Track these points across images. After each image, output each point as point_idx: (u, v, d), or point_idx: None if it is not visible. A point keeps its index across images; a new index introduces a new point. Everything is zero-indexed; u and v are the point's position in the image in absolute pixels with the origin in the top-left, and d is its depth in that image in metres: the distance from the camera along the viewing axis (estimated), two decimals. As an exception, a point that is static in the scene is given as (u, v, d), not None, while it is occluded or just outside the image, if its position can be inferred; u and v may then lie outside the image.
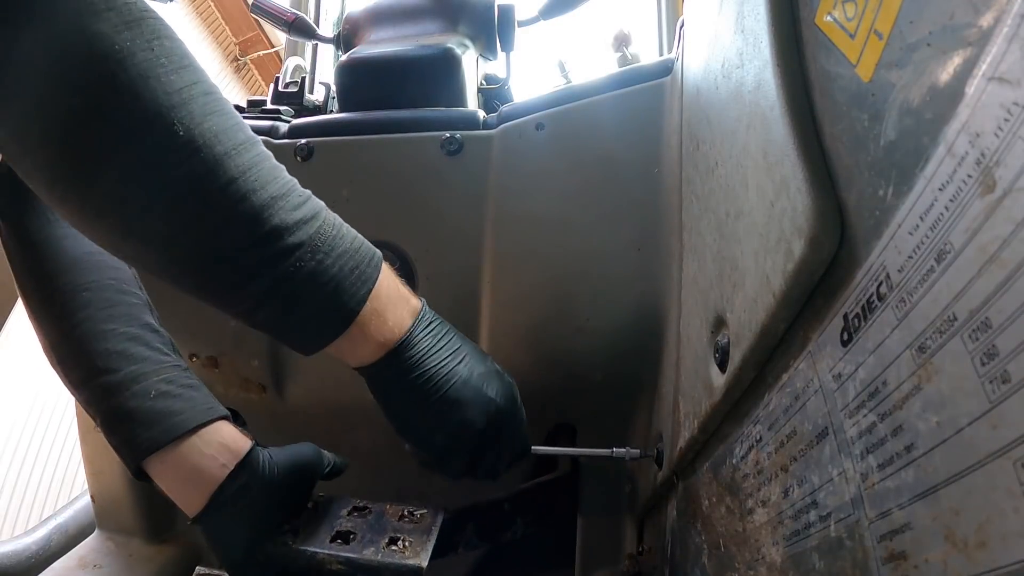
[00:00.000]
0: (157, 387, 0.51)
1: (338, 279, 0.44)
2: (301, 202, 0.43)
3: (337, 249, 0.44)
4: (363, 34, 0.90)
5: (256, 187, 0.40)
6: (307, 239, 0.42)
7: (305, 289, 0.43)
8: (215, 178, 0.39)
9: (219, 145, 0.39)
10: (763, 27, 0.30)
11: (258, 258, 0.41)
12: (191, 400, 0.52)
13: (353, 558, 0.50)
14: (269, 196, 0.41)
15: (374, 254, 0.47)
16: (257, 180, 0.40)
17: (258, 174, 0.40)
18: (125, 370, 0.51)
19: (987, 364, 0.16)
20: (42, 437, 2.18)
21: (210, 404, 0.53)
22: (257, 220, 0.40)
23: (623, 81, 0.63)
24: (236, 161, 0.39)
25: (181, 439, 0.50)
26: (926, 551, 0.18)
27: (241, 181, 0.39)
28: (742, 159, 0.34)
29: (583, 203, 0.63)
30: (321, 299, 0.44)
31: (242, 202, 0.39)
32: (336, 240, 0.44)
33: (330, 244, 0.43)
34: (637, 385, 0.63)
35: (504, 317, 0.65)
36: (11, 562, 0.88)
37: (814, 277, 0.26)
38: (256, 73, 4.70)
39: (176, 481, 0.50)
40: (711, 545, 0.39)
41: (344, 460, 0.58)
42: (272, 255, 0.41)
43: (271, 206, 0.40)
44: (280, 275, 0.42)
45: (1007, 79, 0.16)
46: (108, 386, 0.51)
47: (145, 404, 0.50)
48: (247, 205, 0.40)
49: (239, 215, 0.40)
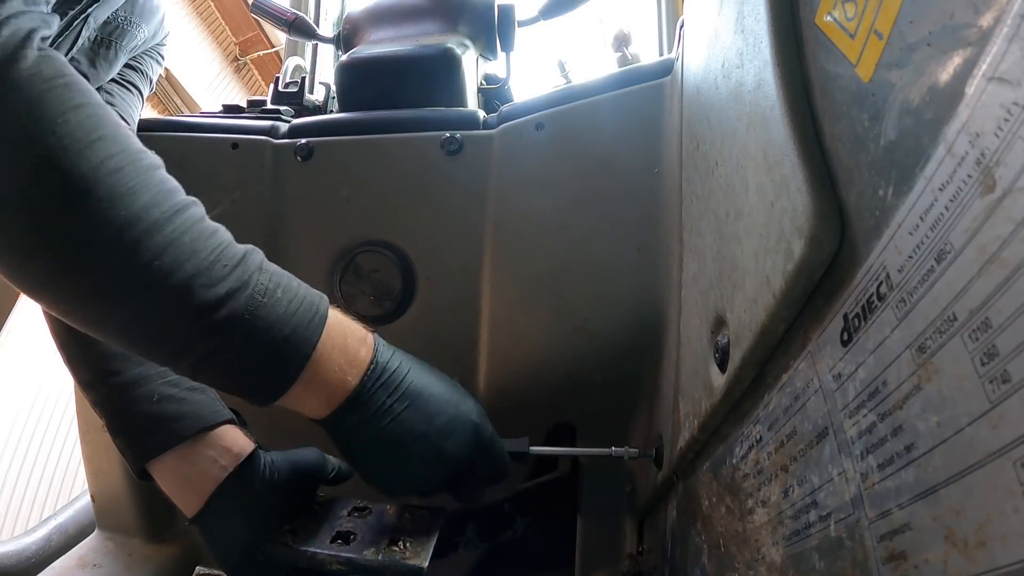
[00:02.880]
0: (161, 390, 0.51)
1: (273, 346, 0.42)
2: (226, 273, 0.41)
3: (271, 316, 0.42)
4: (363, 34, 0.90)
5: (173, 268, 0.38)
6: (233, 313, 0.40)
7: (237, 361, 0.42)
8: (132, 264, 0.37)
9: (130, 231, 0.37)
10: (763, 27, 0.30)
11: (184, 339, 0.40)
12: (195, 404, 0.52)
13: (353, 558, 0.50)
14: (187, 275, 0.39)
15: (315, 311, 0.45)
16: (175, 260, 0.38)
17: (176, 252, 0.39)
18: (129, 372, 0.51)
19: (987, 364, 0.16)
20: (42, 437, 2.18)
21: (215, 408, 0.53)
22: (179, 300, 0.39)
23: (623, 81, 0.63)
24: (150, 244, 0.38)
25: (182, 444, 0.50)
26: (926, 551, 0.18)
27: (157, 265, 0.38)
28: (742, 159, 0.34)
29: (583, 203, 0.63)
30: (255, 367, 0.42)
31: (161, 284, 0.38)
32: (270, 307, 0.42)
33: (263, 313, 0.41)
34: (637, 385, 0.63)
35: (504, 317, 0.65)
36: (11, 562, 0.88)
37: (814, 277, 0.26)
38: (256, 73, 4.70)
39: (176, 483, 0.50)
40: (711, 545, 0.39)
41: (349, 468, 0.58)
42: (197, 335, 0.40)
43: (191, 284, 0.39)
44: (208, 351, 0.41)
45: (1007, 79, 0.16)
46: (113, 388, 0.51)
47: (148, 408, 0.50)
48: (167, 287, 0.38)
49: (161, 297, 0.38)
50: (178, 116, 0.80)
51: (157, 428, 0.50)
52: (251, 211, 0.67)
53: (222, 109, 0.82)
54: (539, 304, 0.64)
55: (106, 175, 0.37)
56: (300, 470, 0.53)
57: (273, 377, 0.43)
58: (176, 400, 0.51)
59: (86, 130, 0.37)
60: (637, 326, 0.61)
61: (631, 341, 0.62)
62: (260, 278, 0.42)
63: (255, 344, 0.41)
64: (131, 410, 0.50)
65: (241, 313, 0.41)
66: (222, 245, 0.42)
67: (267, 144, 0.69)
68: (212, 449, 0.51)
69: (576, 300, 0.63)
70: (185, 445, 0.50)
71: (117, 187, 0.37)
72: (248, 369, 0.42)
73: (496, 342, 0.65)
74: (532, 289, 0.64)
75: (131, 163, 0.39)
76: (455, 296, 0.66)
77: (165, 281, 0.38)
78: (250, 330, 0.41)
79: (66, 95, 0.37)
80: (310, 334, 0.44)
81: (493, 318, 0.65)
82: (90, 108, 0.38)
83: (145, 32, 0.70)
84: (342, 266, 0.67)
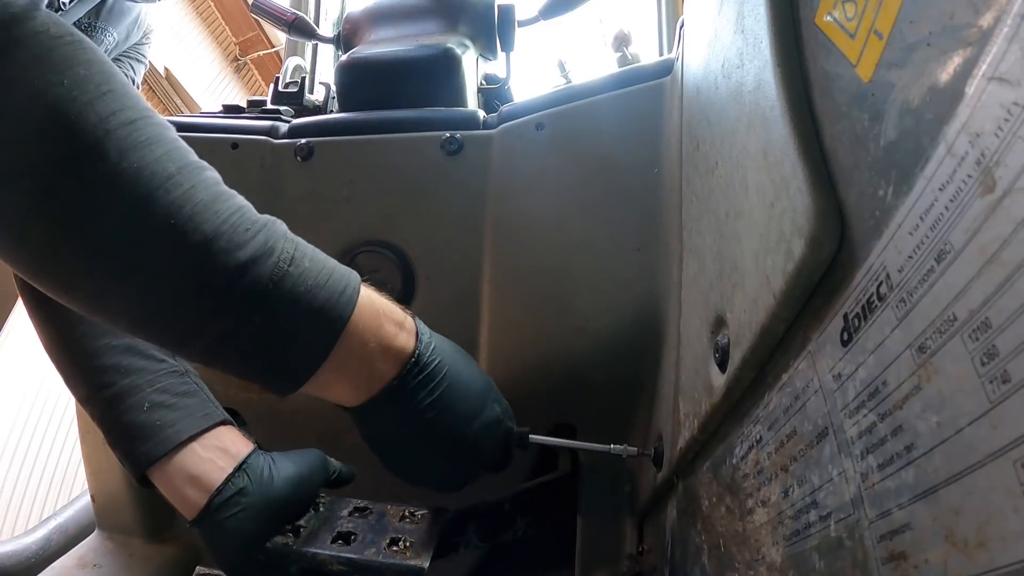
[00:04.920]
0: (151, 398, 0.51)
1: (300, 321, 0.38)
2: (248, 238, 0.37)
3: (298, 287, 0.38)
4: (363, 34, 0.90)
5: (188, 228, 0.35)
6: (257, 282, 0.37)
7: (259, 338, 0.38)
8: (140, 225, 0.34)
9: (140, 186, 0.34)
10: (763, 27, 0.30)
11: (199, 312, 0.37)
12: (185, 409, 0.52)
13: (354, 559, 0.50)
14: (204, 236, 0.35)
15: (346, 284, 0.41)
16: (191, 220, 0.35)
17: (192, 211, 0.35)
18: (119, 384, 0.51)
19: (987, 364, 0.16)
20: (42, 437, 2.18)
21: (206, 411, 0.53)
22: (193, 267, 0.35)
23: (623, 81, 0.63)
24: (164, 200, 0.34)
25: (177, 449, 0.50)
26: (926, 551, 0.18)
27: (170, 224, 0.34)
28: (742, 159, 0.34)
29: (583, 203, 0.63)
30: (279, 345, 0.39)
31: (174, 248, 0.35)
32: (296, 277, 0.38)
33: (289, 283, 0.38)
34: (637, 385, 0.63)
35: (504, 317, 0.65)
36: (11, 562, 0.88)
37: (814, 277, 0.26)
38: (256, 73, 4.70)
39: (175, 488, 0.50)
40: (711, 545, 0.39)
41: (352, 471, 0.58)
42: (215, 307, 0.36)
43: (208, 248, 0.35)
44: (226, 328, 0.37)
45: (1007, 79, 0.16)
46: (105, 402, 0.51)
47: (139, 418, 0.50)
48: (180, 251, 0.35)
49: (173, 263, 0.35)
50: (178, 116, 0.80)
51: (149, 437, 0.50)
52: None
53: (222, 109, 0.82)
54: (539, 304, 0.64)
55: (117, 126, 0.34)
56: (301, 471, 0.53)
57: (300, 358, 0.40)
58: (166, 407, 0.51)
59: (96, 83, 0.34)
60: (637, 326, 0.61)
61: (631, 341, 0.62)
62: (285, 245, 0.39)
63: (280, 318, 0.38)
64: (124, 421, 0.50)
65: (265, 282, 0.37)
66: (244, 207, 0.38)
67: (267, 144, 0.69)
68: (208, 452, 0.51)
69: (576, 300, 0.63)
70: (180, 450, 0.50)
71: (129, 139, 0.34)
72: (271, 348, 0.39)
73: (496, 342, 0.65)
74: (532, 289, 0.64)
75: (143, 117, 0.36)
76: (455, 296, 0.66)
77: (180, 242, 0.35)
78: (275, 302, 0.37)
79: (75, 50, 0.35)
80: (341, 309, 0.40)
81: (493, 318, 0.65)
82: (99, 64, 0.36)
83: (115, 35, 0.69)
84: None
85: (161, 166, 0.35)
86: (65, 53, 0.34)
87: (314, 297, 0.39)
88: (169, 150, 0.36)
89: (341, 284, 0.41)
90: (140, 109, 0.36)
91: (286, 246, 0.39)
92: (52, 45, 0.34)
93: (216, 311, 0.37)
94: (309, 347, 0.40)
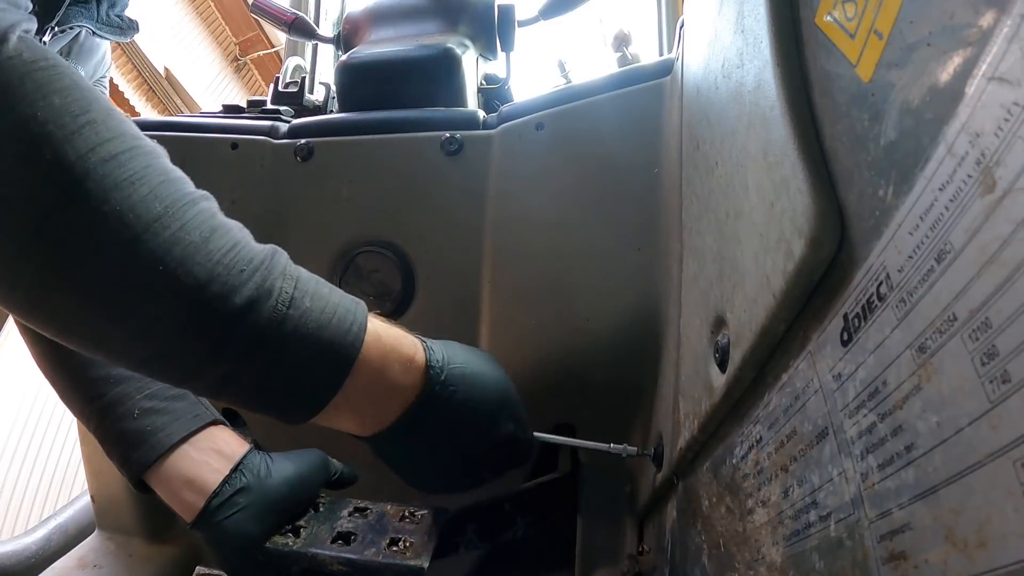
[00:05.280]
0: (140, 405, 0.51)
1: (302, 365, 0.37)
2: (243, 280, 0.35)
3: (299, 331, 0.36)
4: (363, 34, 0.90)
5: (180, 274, 0.33)
6: (254, 329, 0.35)
7: (262, 382, 0.37)
8: (128, 271, 0.32)
9: (125, 230, 0.32)
10: (763, 27, 0.30)
11: (197, 358, 0.35)
12: (174, 412, 0.52)
13: (354, 559, 0.50)
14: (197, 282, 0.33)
15: (352, 322, 0.39)
16: (181, 265, 0.33)
17: (182, 255, 0.33)
18: (110, 394, 0.52)
19: (987, 364, 0.16)
20: (42, 437, 2.17)
21: (196, 412, 0.53)
22: (188, 313, 0.34)
23: (623, 81, 0.63)
24: (151, 244, 0.32)
25: (169, 452, 0.50)
26: (926, 551, 0.18)
27: (160, 270, 0.33)
28: (742, 159, 0.34)
29: (583, 203, 0.62)
30: (283, 388, 0.37)
31: (166, 295, 0.33)
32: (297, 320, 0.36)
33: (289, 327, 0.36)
34: (637, 385, 0.63)
35: (504, 317, 0.65)
36: (11, 562, 0.88)
37: (814, 277, 0.26)
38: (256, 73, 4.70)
39: (173, 491, 0.50)
40: (711, 545, 0.39)
41: (353, 472, 0.58)
42: (212, 354, 0.35)
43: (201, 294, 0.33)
44: (227, 372, 0.36)
45: (1007, 79, 0.16)
46: (98, 413, 0.52)
47: (131, 425, 0.51)
48: (173, 298, 0.33)
49: (166, 310, 0.33)
50: (178, 116, 0.80)
51: (141, 443, 0.50)
52: (251, 212, 0.67)
53: (222, 109, 0.82)
54: (539, 304, 0.64)
55: (97, 163, 0.32)
56: (300, 471, 0.53)
57: (305, 399, 0.39)
58: (155, 412, 0.51)
59: (73, 114, 0.32)
60: (637, 326, 0.61)
61: (631, 341, 0.61)
62: (284, 285, 0.37)
63: (282, 362, 0.36)
64: (116, 429, 0.51)
65: (263, 327, 0.35)
66: (239, 243, 0.36)
67: (267, 144, 0.69)
68: (203, 454, 0.51)
69: (576, 300, 0.63)
70: (172, 453, 0.50)
71: (110, 177, 0.32)
72: (275, 389, 0.38)
73: (496, 342, 0.65)
74: (532, 289, 0.64)
75: (126, 150, 0.33)
76: (455, 296, 0.66)
77: (173, 287, 0.33)
78: (276, 345, 0.36)
79: (49, 76, 0.32)
80: (347, 349, 0.38)
81: (493, 318, 0.65)
82: (77, 91, 0.33)
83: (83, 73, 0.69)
84: (342, 266, 0.67)
85: (147, 206, 0.33)
86: (38, 80, 0.31)
87: (317, 339, 0.37)
88: (155, 187, 0.34)
89: (347, 322, 0.39)
90: (125, 139, 0.34)
91: (284, 285, 0.37)
92: (24, 71, 0.31)
93: (215, 356, 0.35)
94: (315, 387, 0.39)
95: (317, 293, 0.38)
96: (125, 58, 3.76)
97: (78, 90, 0.33)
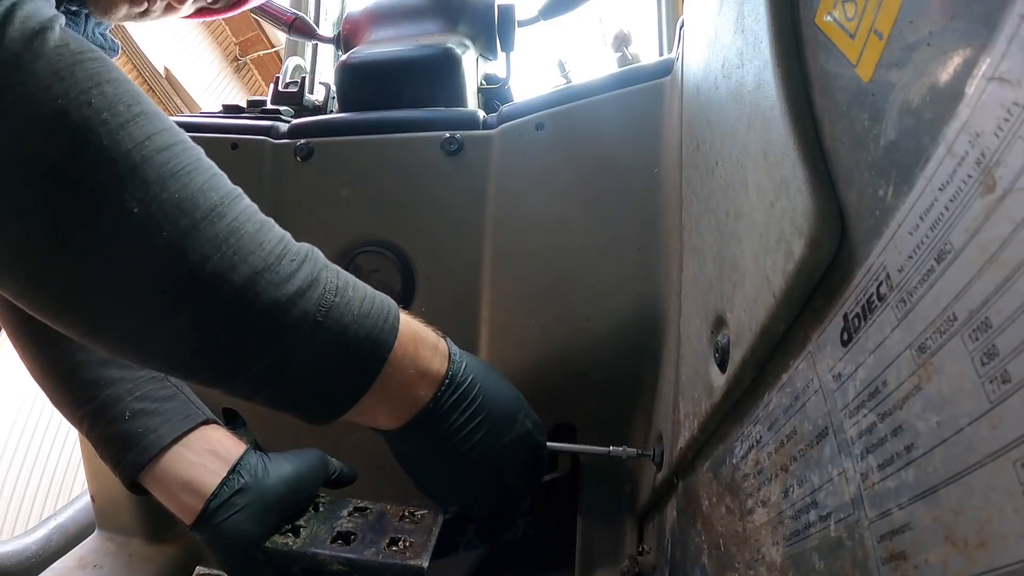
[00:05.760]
0: (131, 407, 0.51)
1: (347, 352, 0.37)
2: (294, 269, 0.36)
3: (344, 318, 0.37)
4: (363, 34, 0.90)
5: (236, 262, 0.33)
6: (305, 314, 0.35)
7: (306, 371, 0.37)
8: (183, 260, 0.32)
9: (184, 217, 0.32)
10: (763, 27, 0.30)
11: (245, 348, 0.35)
12: (166, 413, 0.52)
13: (354, 559, 0.50)
14: (253, 270, 0.33)
15: (388, 312, 0.40)
16: (237, 253, 0.33)
17: (238, 244, 0.33)
18: (100, 397, 0.51)
19: (987, 364, 0.16)
20: (42, 437, 2.18)
21: (187, 412, 0.53)
22: (241, 303, 0.33)
23: (623, 81, 0.63)
24: (209, 233, 0.32)
25: (162, 453, 0.50)
26: (926, 551, 0.18)
27: (217, 259, 0.32)
28: (742, 159, 0.34)
29: (583, 203, 0.63)
30: (326, 377, 0.38)
31: (220, 284, 0.33)
32: (343, 307, 0.37)
33: (336, 314, 0.37)
34: (637, 385, 0.63)
35: (504, 317, 0.65)
36: (11, 562, 0.88)
37: (814, 277, 0.26)
38: (256, 73, 4.70)
39: (171, 494, 0.50)
40: (711, 545, 0.39)
41: (353, 471, 0.58)
42: (262, 342, 0.35)
43: (256, 282, 0.34)
44: (273, 362, 0.36)
45: (1007, 79, 0.16)
46: (90, 417, 0.52)
47: (123, 427, 0.50)
48: (227, 287, 0.33)
49: (219, 300, 0.33)
50: (178, 116, 0.80)
51: (134, 445, 0.50)
52: (251, 211, 0.67)
53: (222, 109, 0.82)
54: (539, 304, 0.64)
55: (154, 152, 0.31)
56: (299, 471, 0.53)
57: (345, 388, 0.39)
58: (147, 413, 0.51)
59: (126, 103, 0.31)
60: (637, 326, 0.61)
61: (631, 341, 0.62)
62: (329, 275, 0.38)
63: (328, 350, 0.37)
64: (108, 432, 0.51)
65: (313, 314, 0.36)
66: (285, 236, 0.37)
67: (267, 144, 0.69)
68: (199, 456, 0.51)
69: (576, 300, 0.63)
70: (166, 454, 0.50)
71: (168, 165, 0.32)
72: (317, 380, 0.38)
73: (496, 342, 0.65)
74: (532, 289, 0.64)
75: (179, 141, 0.33)
76: (455, 296, 0.66)
77: (226, 276, 0.33)
78: (323, 334, 0.36)
79: (98, 67, 0.31)
80: (385, 337, 0.39)
81: (493, 318, 0.65)
82: (127, 83, 0.32)
83: None
84: (342, 266, 0.67)
85: (204, 196, 0.33)
86: (89, 69, 0.31)
87: (360, 326, 0.38)
88: (209, 178, 0.34)
89: (384, 312, 0.40)
90: (175, 133, 0.34)
91: (329, 276, 0.38)
92: (73, 60, 0.31)
93: (264, 345, 0.35)
94: (355, 376, 0.39)
95: (356, 285, 0.40)
96: (125, 58, 3.76)
97: (127, 82, 0.33)
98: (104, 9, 0.59)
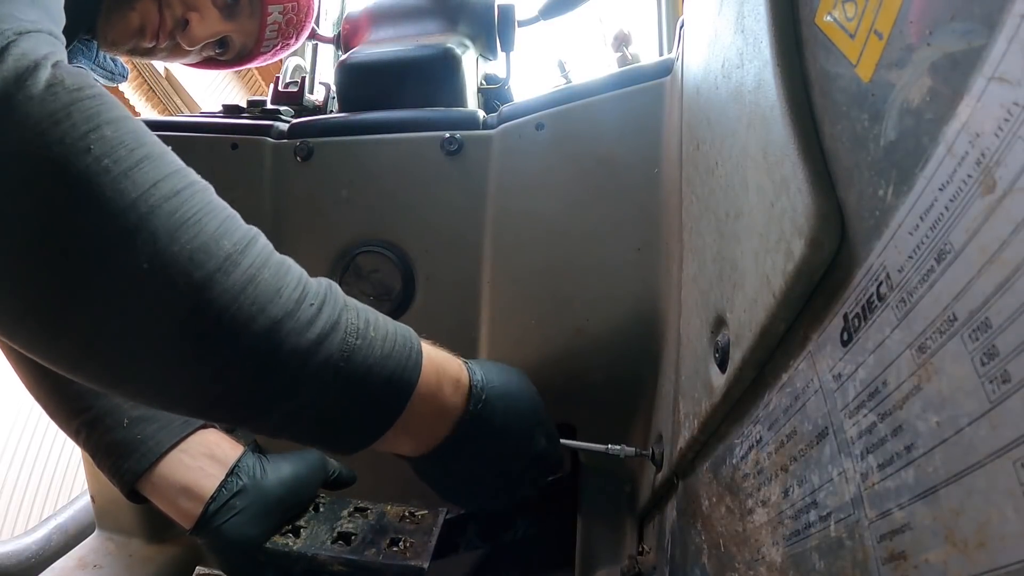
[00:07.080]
0: (128, 414, 0.51)
1: (371, 393, 0.37)
2: (314, 313, 0.34)
3: (368, 360, 0.36)
4: (363, 34, 0.90)
5: (254, 312, 0.31)
6: (328, 360, 0.35)
7: (330, 413, 0.37)
8: (200, 314, 0.30)
9: (198, 270, 0.30)
10: (763, 27, 0.30)
11: (268, 395, 0.34)
12: (163, 420, 0.52)
13: (354, 559, 0.50)
14: (272, 320, 0.32)
15: (411, 349, 0.40)
16: (255, 303, 0.32)
17: (255, 293, 0.32)
18: (97, 406, 0.51)
19: (987, 364, 0.16)
20: (42, 437, 2.17)
21: (185, 418, 0.53)
22: (262, 352, 0.32)
23: (623, 81, 0.63)
24: (225, 284, 0.31)
25: (160, 459, 0.50)
26: (926, 551, 0.18)
27: (235, 310, 0.31)
28: (742, 159, 0.34)
29: (583, 203, 0.63)
30: (350, 418, 0.38)
31: (240, 336, 0.31)
32: (366, 349, 0.36)
33: (359, 357, 0.36)
34: (637, 385, 0.63)
35: (504, 317, 0.65)
36: (11, 562, 0.88)
37: (814, 277, 0.26)
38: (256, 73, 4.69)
39: (169, 500, 0.50)
40: (711, 545, 0.39)
41: (352, 472, 0.58)
42: (285, 389, 0.34)
43: (277, 331, 0.32)
44: (297, 407, 0.35)
45: (1007, 79, 0.16)
46: (87, 426, 0.51)
47: (120, 435, 0.50)
48: (247, 338, 0.32)
49: (238, 352, 0.32)
50: (178, 116, 0.80)
51: (132, 452, 0.50)
52: (251, 212, 0.66)
53: (222, 109, 0.82)
54: (539, 304, 0.64)
55: (162, 200, 0.29)
56: (298, 471, 0.53)
57: (369, 426, 0.39)
58: (144, 420, 0.51)
59: (128, 147, 0.29)
60: (637, 326, 0.61)
61: (631, 341, 0.62)
62: (349, 316, 0.37)
63: (352, 393, 0.36)
64: (106, 440, 0.50)
65: (336, 359, 0.35)
66: (303, 279, 0.35)
67: (266, 144, 0.69)
68: (196, 460, 0.51)
69: (576, 300, 0.63)
70: (164, 460, 0.50)
71: (177, 215, 0.30)
72: (342, 421, 0.38)
73: (496, 342, 0.65)
74: (532, 289, 0.64)
75: (188, 185, 0.31)
76: (455, 296, 0.66)
77: (247, 327, 0.31)
78: (346, 377, 0.36)
79: (98, 106, 0.29)
80: (409, 375, 0.39)
81: (493, 318, 0.65)
82: (129, 122, 0.30)
83: None
84: (342, 266, 0.67)
85: (217, 244, 0.31)
86: (87, 110, 0.29)
87: (383, 367, 0.38)
88: (222, 222, 0.32)
89: (406, 349, 0.39)
90: (182, 175, 0.31)
91: (350, 317, 0.37)
92: (69, 100, 0.28)
93: (287, 393, 0.34)
94: (378, 415, 0.39)
95: (377, 322, 0.39)
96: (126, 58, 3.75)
97: (130, 121, 0.31)
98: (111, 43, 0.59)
